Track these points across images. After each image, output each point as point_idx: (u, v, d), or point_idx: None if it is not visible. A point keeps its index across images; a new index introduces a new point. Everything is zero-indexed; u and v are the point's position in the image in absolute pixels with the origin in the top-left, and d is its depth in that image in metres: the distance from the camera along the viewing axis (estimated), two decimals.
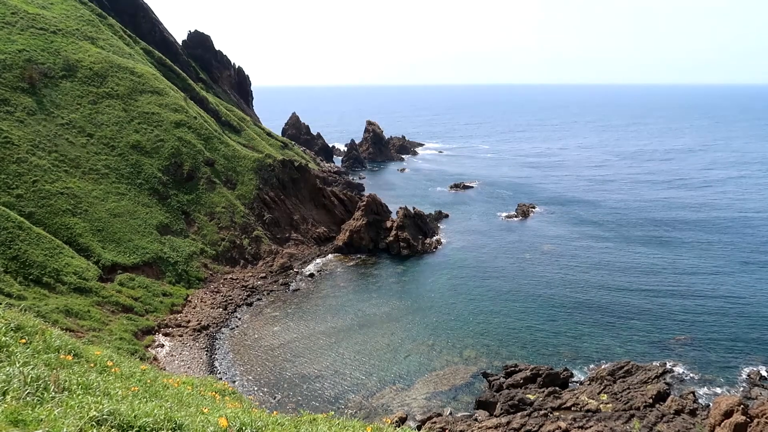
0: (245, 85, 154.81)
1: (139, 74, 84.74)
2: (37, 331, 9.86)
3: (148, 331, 53.60)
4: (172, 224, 70.20)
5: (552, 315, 62.07)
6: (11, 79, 69.93)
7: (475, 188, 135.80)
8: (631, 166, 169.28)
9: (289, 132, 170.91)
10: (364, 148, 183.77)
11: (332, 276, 76.16)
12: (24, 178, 60.65)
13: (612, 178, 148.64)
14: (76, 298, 51.81)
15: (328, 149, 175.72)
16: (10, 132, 63.81)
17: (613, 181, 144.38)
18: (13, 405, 6.31)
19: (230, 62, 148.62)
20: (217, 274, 69.27)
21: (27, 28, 78.65)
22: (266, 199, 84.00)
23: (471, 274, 75.94)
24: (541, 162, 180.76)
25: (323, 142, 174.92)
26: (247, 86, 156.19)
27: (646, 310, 62.49)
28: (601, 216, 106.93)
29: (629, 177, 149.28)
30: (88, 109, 74.83)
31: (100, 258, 58.98)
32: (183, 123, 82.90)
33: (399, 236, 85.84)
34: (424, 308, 64.75)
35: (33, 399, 6.73)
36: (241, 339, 56.46)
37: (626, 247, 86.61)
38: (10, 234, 51.90)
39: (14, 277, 49.49)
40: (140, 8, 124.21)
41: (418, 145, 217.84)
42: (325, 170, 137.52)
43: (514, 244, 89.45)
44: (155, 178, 73.23)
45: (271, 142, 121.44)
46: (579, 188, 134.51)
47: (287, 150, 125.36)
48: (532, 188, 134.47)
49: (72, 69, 77.83)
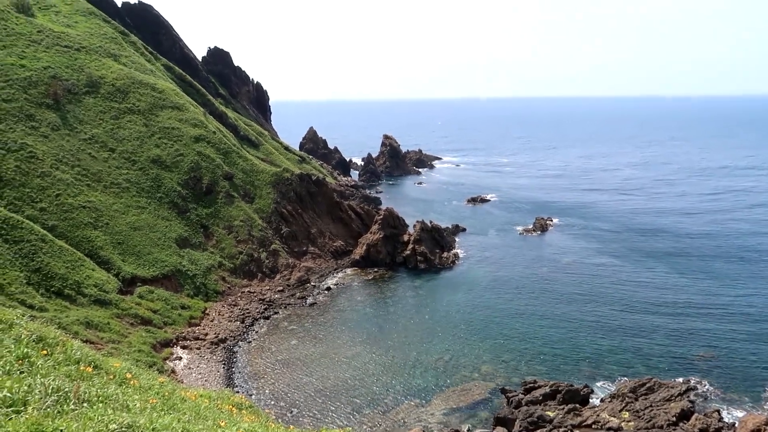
0: (264, 101, 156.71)
1: (160, 90, 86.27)
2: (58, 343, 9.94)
3: (166, 343, 53.92)
4: (191, 237, 70.88)
5: (571, 330, 61.12)
6: (37, 95, 71.67)
7: (492, 201, 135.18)
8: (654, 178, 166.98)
9: (306, 146, 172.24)
10: (380, 162, 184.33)
11: (349, 290, 76.06)
12: (48, 191, 61.84)
13: (635, 191, 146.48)
14: (97, 310, 52.40)
15: (345, 163, 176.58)
16: (34, 147, 65.25)
17: (634, 194, 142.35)
18: (34, 416, 6.35)
19: (249, 78, 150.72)
20: (235, 287, 69.61)
21: (52, 46, 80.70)
22: (284, 212, 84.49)
23: (489, 289, 75.28)
24: (559, 175, 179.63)
25: (340, 156, 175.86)
26: (266, 101, 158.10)
27: (669, 326, 61.23)
28: (621, 230, 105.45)
29: (653, 190, 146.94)
30: (110, 125, 76.28)
31: (120, 270, 59.69)
32: (202, 138, 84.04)
33: (416, 250, 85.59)
34: (442, 323, 64.24)
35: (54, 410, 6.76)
36: (259, 352, 56.48)
37: (648, 262, 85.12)
38: (34, 246, 52.82)
39: (36, 289, 50.27)
40: (162, 26, 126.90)
41: (435, 159, 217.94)
42: (342, 184, 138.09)
43: (532, 258, 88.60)
44: (175, 192, 74.15)
45: (288, 156, 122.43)
46: (598, 201, 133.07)
47: (305, 164, 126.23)
48: (550, 201, 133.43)
49: (95, 85, 79.54)
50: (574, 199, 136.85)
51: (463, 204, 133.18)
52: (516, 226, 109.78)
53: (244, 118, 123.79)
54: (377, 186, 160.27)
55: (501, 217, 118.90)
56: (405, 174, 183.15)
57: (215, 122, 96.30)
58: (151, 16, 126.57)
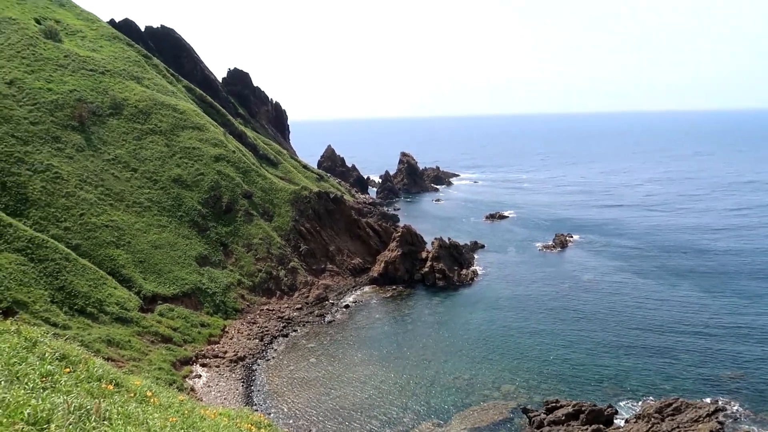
0: (282, 120, 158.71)
1: (181, 111, 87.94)
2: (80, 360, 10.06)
3: (186, 361, 54.18)
4: (210, 255, 71.54)
5: (594, 348, 60.01)
6: (63, 117, 73.56)
7: (511, 218, 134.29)
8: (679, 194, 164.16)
9: (324, 164, 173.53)
10: (398, 179, 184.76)
11: (367, 307, 75.84)
12: (72, 211, 63.09)
13: (657, 206, 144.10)
14: (118, 328, 52.96)
15: (363, 181, 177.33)
16: (60, 168, 66.80)
17: (658, 210, 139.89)
18: None
19: (268, 98, 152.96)
20: (254, 305, 69.88)
21: (78, 70, 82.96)
22: (302, 230, 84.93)
23: (508, 306, 74.45)
24: (579, 191, 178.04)
25: (358, 173, 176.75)
26: (284, 120, 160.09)
27: (694, 345, 59.76)
28: (644, 246, 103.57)
29: (675, 205, 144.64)
30: (132, 145, 77.83)
31: (141, 289, 60.38)
32: (222, 157, 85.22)
33: (434, 267, 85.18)
34: (461, 341, 63.58)
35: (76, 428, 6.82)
36: (277, 370, 56.42)
37: (672, 280, 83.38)
38: (58, 265, 53.78)
39: (60, 307, 51.05)
40: (183, 48, 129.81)
41: (452, 176, 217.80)
42: (360, 201, 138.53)
43: (552, 275, 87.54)
44: (195, 211, 75.10)
45: (307, 174, 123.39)
46: (620, 218, 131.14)
47: (323, 182, 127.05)
48: (570, 218, 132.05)
49: (118, 107, 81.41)
50: (595, 215, 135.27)
51: (481, 221, 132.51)
52: (535, 242, 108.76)
53: (263, 137, 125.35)
54: (395, 203, 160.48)
55: (520, 233, 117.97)
56: (423, 191, 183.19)
57: (235, 142, 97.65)
58: (172, 40, 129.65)
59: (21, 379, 7.86)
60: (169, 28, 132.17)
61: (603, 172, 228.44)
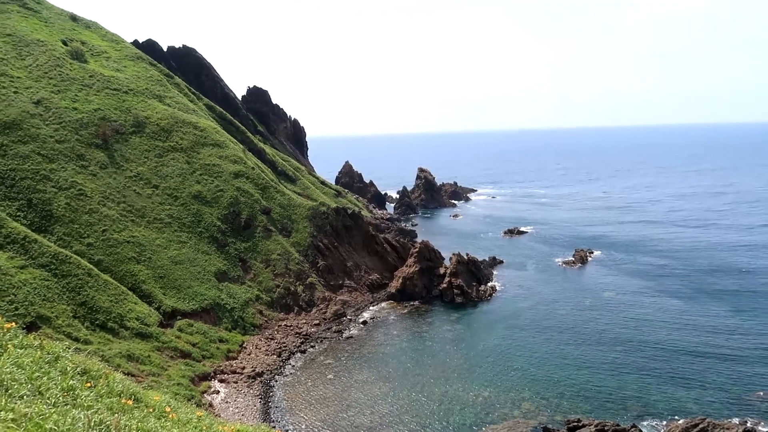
0: (300, 136, 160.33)
1: (201, 128, 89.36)
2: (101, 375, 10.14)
3: (204, 377, 54.34)
4: (229, 271, 72.04)
5: (616, 366, 58.82)
6: (87, 135, 75.24)
7: (529, 234, 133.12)
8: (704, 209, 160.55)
9: (342, 180, 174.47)
10: (416, 195, 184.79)
11: (385, 323, 75.49)
12: (95, 227, 64.20)
13: (682, 222, 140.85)
14: (138, 343, 53.43)
15: (381, 196, 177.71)
16: (84, 185, 68.17)
17: (682, 225, 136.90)
18: None
19: (286, 115, 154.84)
20: (272, 320, 70.02)
21: (102, 89, 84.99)
22: (320, 246, 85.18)
23: (528, 322, 73.51)
24: (600, 206, 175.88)
25: (376, 189, 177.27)
26: (303, 137, 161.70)
27: (723, 365, 58.20)
28: (668, 263, 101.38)
29: (700, 221, 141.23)
30: (154, 162, 79.18)
31: (161, 304, 60.95)
32: (241, 173, 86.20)
33: (452, 283, 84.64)
34: (480, 358, 62.84)
35: None
36: (295, 387, 56.26)
37: (698, 298, 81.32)
38: (80, 281, 54.61)
39: (82, 322, 51.74)
40: (204, 67, 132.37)
41: (470, 191, 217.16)
42: (377, 217, 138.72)
43: (573, 291, 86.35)
44: (215, 227, 75.87)
45: (325, 190, 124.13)
46: (642, 234, 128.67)
47: (341, 198, 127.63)
48: (589, 233, 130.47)
49: (141, 125, 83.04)
50: (617, 231, 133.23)
51: (499, 236, 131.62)
52: (555, 258, 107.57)
53: (281, 153, 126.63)
54: (413, 219, 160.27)
55: (539, 249, 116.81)
56: (440, 206, 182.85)
57: (254, 158, 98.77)
58: (194, 59, 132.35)
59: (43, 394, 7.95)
60: (191, 47, 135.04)
61: (625, 187, 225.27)
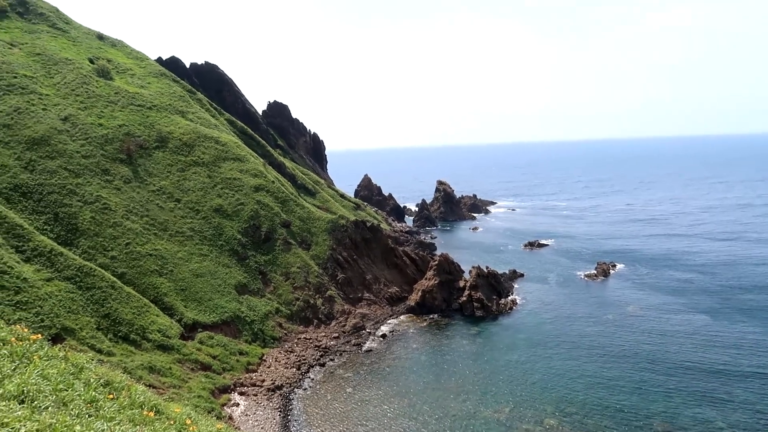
0: (320, 150, 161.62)
1: (222, 143, 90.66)
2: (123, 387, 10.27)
3: (224, 389, 54.54)
4: (249, 284, 72.51)
5: (641, 382, 57.53)
6: (112, 151, 76.86)
7: (551, 246, 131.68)
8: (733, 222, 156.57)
9: (361, 193, 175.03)
10: (435, 208, 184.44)
11: (405, 337, 75.07)
12: (118, 240, 65.30)
13: (709, 236, 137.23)
14: (159, 355, 53.92)
15: (400, 209, 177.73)
16: (108, 199, 69.50)
17: (709, 239, 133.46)
18: None
19: (306, 129, 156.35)
20: (291, 333, 70.15)
21: (127, 105, 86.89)
22: (339, 259, 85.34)
23: (549, 337, 72.45)
24: (623, 219, 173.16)
25: (395, 202, 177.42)
26: (322, 151, 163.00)
27: (752, 380, 56.61)
28: (695, 277, 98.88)
29: (730, 234, 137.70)
30: (176, 176, 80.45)
31: (182, 316, 61.53)
32: (262, 187, 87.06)
33: (472, 296, 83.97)
34: (501, 372, 62.03)
35: None
36: (314, 400, 56.13)
37: (728, 314, 78.94)
38: (104, 293, 55.47)
39: (105, 333, 52.45)
40: (225, 83, 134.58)
41: (490, 204, 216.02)
42: (396, 230, 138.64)
43: (595, 305, 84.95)
44: (235, 240, 76.58)
45: (344, 203, 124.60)
46: (665, 246, 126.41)
47: (360, 211, 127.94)
48: (612, 246, 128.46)
49: (164, 140, 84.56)
50: (640, 244, 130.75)
51: (520, 249, 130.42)
52: (576, 271, 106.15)
53: (301, 167, 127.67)
54: (432, 231, 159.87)
55: (560, 262, 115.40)
56: (460, 219, 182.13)
57: (274, 172, 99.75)
58: (216, 75, 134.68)
59: (67, 405, 8.07)
60: (213, 64, 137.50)
61: (649, 199, 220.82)
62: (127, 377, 11.41)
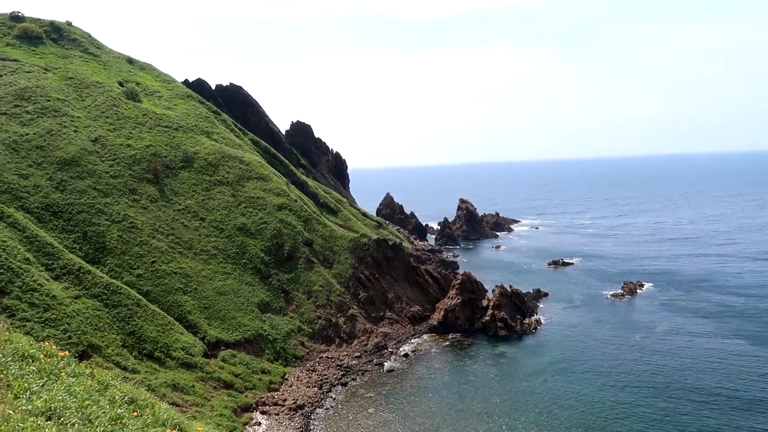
0: (342, 169, 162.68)
1: (246, 163, 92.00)
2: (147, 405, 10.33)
3: (246, 408, 54.54)
4: (272, 302, 72.84)
5: (671, 406, 55.80)
6: (139, 171, 78.59)
7: (575, 265, 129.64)
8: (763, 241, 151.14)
9: (383, 212, 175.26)
10: (457, 226, 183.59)
11: (427, 357, 74.31)
12: (144, 259, 66.38)
13: (741, 254, 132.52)
14: (183, 372, 54.28)
15: (422, 228, 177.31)
16: (135, 218, 70.89)
17: (745, 257, 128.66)
18: None
19: (328, 148, 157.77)
20: (313, 352, 70.03)
21: (155, 126, 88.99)
22: (361, 277, 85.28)
23: (575, 357, 70.96)
24: (649, 237, 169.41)
25: (417, 220, 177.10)
26: (344, 169, 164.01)
27: None
28: (727, 297, 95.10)
29: (763, 253, 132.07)
30: (201, 196, 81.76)
31: (205, 334, 61.98)
32: (285, 206, 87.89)
33: (496, 316, 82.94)
34: (525, 394, 60.84)
35: None
36: (336, 420, 55.72)
37: (762, 337, 75.47)
38: (130, 311, 56.29)
39: (130, 351, 53.08)
40: (249, 104, 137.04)
41: (513, 222, 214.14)
42: (418, 248, 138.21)
43: (621, 326, 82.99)
44: (258, 258, 77.19)
45: (366, 222, 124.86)
46: (699, 265, 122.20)
47: (382, 229, 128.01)
48: (638, 265, 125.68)
49: (190, 160, 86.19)
50: (668, 263, 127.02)
51: (544, 267, 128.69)
52: (602, 290, 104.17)
53: (323, 186, 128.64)
54: (454, 250, 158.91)
55: (585, 281, 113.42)
56: (482, 238, 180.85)
57: (297, 191, 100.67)
58: (240, 96, 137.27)
59: (93, 422, 8.16)
60: (237, 85, 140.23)
61: (679, 218, 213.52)
62: (151, 395, 11.50)
